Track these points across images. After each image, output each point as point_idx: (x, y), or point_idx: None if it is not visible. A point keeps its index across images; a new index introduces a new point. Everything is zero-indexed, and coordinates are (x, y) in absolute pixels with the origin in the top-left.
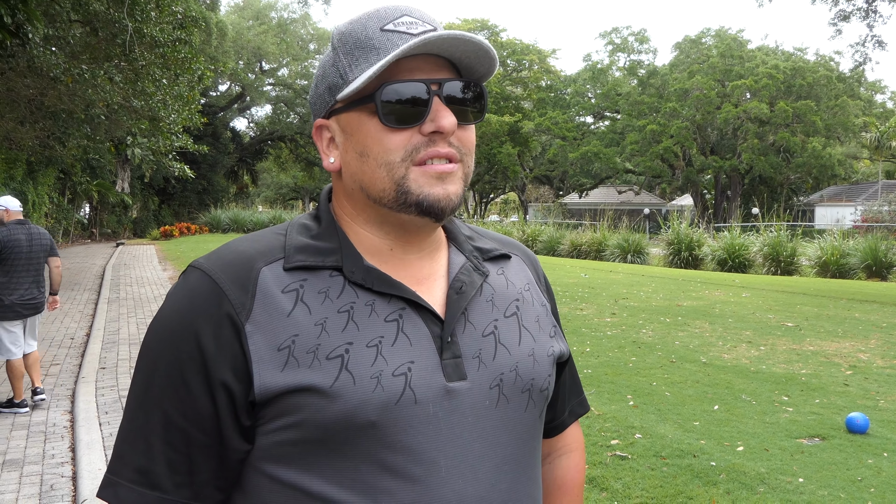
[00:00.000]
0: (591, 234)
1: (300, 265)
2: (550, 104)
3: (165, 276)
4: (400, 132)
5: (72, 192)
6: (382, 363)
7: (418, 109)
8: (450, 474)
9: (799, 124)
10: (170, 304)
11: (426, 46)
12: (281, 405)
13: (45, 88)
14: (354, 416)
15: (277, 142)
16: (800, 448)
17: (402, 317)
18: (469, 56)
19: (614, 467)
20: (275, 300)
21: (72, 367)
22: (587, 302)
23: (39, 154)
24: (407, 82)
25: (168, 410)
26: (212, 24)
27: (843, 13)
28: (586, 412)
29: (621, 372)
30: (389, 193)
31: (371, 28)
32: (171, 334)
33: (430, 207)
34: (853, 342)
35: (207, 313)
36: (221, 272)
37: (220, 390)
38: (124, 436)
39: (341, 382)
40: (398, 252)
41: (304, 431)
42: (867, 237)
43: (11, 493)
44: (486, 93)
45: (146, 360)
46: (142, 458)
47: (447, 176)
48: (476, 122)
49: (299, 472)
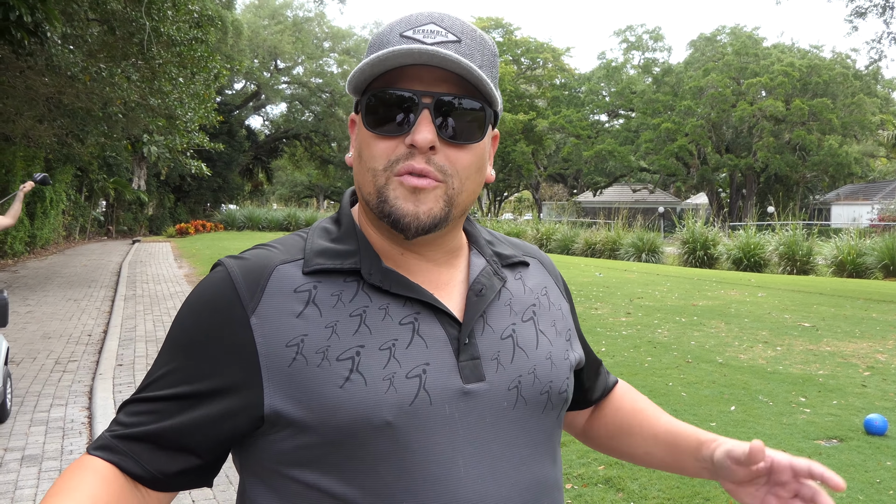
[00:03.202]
0: (606, 233)
1: (318, 269)
2: (565, 102)
3: (181, 273)
4: (385, 140)
5: (89, 189)
6: (395, 365)
7: (403, 120)
8: (469, 475)
9: (815, 122)
10: (192, 294)
11: (420, 57)
12: (292, 406)
13: (63, 87)
14: (369, 417)
15: (292, 140)
16: (817, 450)
17: (418, 319)
18: (473, 75)
19: (630, 468)
20: (284, 298)
21: (89, 363)
22: (602, 301)
23: (57, 152)
24: (397, 90)
25: (177, 369)
26: (228, 23)
27: (860, 9)
28: (616, 382)
29: (637, 372)
30: (373, 198)
31: (394, 32)
32: (184, 319)
33: (396, 222)
34: (871, 343)
35: (217, 305)
36: (238, 268)
37: (219, 375)
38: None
39: (352, 383)
40: (410, 258)
41: (319, 434)
42: (884, 236)
43: (30, 489)
44: (487, 112)
45: (169, 341)
46: (142, 404)
47: (421, 193)
48: (470, 143)
49: (320, 474)
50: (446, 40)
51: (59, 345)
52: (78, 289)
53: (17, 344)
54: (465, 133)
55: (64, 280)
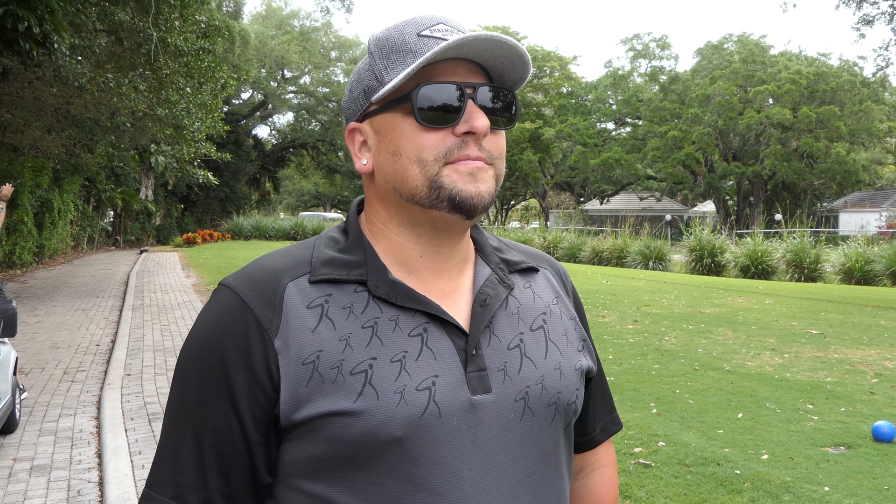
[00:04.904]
0: (613, 241)
1: (325, 278)
2: (571, 110)
3: (189, 283)
4: (434, 132)
5: (96, 199)
6: (406, 378)
7: (453, 110)
8: (473, 487)
9: (822, 130)
10: (200, 323)
11: (462, 49)
12: (307, 423)
13: (71, 97)
14: (380, 432)
15: (299, 149)
16: (825, 457)
17: (427, 331)
18: (503, 61)
19: (638, 475)
20: (300, 316)
21: (97, 373)
22: (609, 309)
23: (65, 162)
24: (443, 83)
25: (198, 427)
26: (235, 33)
27: (867, 17)
28: (619, 430)
29: (644, 379)
30: (422, 190)
31: (408, 33)
32: (201, 352)
33: (462, 203)
34: (879, 350)
35: (235, 331)
36: (248, 290)
37: (248, 406)
38: (160, 452)
39: (365, 398)
40: (428, 260)
41: (330, 448)
42: (892, 243)
43: (39, 499)
44: (517, 100)
45: (179, 378)
46: (175, 474)
47: (479, 173)
48: (507, 129)
49: (327, 486)
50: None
51: (67, 355)
52: (86, 299)
53: (25, 354)
54: (503, 119)
55: (72, 290)
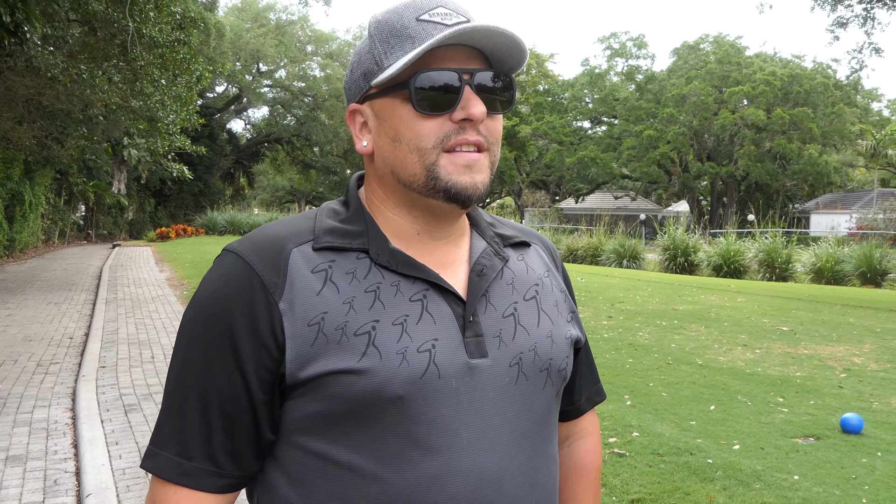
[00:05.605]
0: (588, 239)
1: (328, 246)
2: (548, 108)
3: (163, 277)
4: (432, 119)
5: (68, 192)
6: (407, 340)
7: (450, 97)
8: (471, 446)
9: (795, 131)
10: (205, 287)
11: (460, 37)
12: (312, 381)
13: (43, 88)
14: (382, 390)
15: (274, 144)
16: (795, 447)
17: (427, 297)
18: (500, 48)
19: (613, 464)
20: (305, 279)
21: (72, 365)
22: (584, 305)
23: (37, 154)
24: (440, 70)
25: (204, 387)
26: (210, 25)
27: (842, 20)
28: (603, 400)
29: (619, 373)
30: (420, 178)
31: (407, 17)
32: (206, 315)
33: (458, 195)
34: (847, 346)
35: (241, 294)
36: (253, 254)
37: (253, 367)
38: (164, 411)
39: (368, 358)
40: (425, 237)
41: (333, 405)
42: (862, 244)
43: (16, 488)
44: (514, 84)
45: (183, 339)
46: (180, 432)
47: (475, 164)
48: (504, 112)
49: (328, 442)
50: (460, 21)
51: (40, 347)
52: (58, 292)
53: None
54: (499, 104)
55: (44, 283)
